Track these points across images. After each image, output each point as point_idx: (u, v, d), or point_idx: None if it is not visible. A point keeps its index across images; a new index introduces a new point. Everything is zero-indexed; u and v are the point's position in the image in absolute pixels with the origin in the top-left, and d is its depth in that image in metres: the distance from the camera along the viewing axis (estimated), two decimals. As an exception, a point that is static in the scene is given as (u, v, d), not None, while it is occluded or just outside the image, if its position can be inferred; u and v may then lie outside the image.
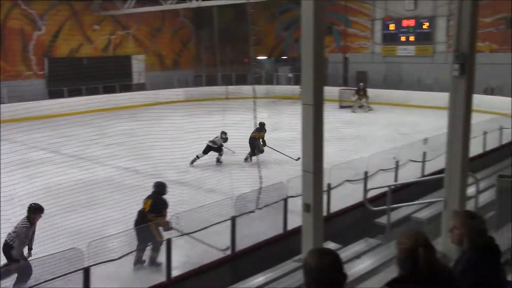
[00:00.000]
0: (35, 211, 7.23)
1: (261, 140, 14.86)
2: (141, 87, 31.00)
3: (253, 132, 14.67)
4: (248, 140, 14.63)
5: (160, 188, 8.61)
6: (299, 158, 10.80)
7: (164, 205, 8.30)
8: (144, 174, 12.52)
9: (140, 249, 7.86)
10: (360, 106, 26.07)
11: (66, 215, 7.77)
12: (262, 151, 14.66)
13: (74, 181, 10.49)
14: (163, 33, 32.99)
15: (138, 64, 31.85)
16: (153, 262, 8.19)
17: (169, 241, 7.25)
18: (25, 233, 7.08)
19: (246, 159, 14.65)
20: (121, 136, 15.39)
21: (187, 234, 7.82)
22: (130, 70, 31.52)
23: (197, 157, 14.24)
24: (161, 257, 7.83)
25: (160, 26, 32.70)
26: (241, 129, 15.23)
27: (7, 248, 7.07)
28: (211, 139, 14.60)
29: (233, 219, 8.08)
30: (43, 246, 7.41)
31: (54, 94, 26.23)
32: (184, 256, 8.23)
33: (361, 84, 26.89)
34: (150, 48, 32.46)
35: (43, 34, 27.46)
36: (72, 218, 8.19)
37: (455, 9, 5.21)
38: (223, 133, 14.56)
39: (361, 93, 26.23)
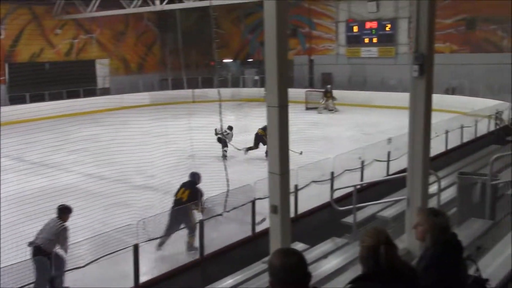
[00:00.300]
0: (64, 211, 7.61)
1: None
2: (105, 91, 30.57)
3: (259, 128, 15.72)
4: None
5: (195, 178, 9.48)
6: (301, 152, 12.36)
7: (200, 194, 9.02)
8: (110, 180, 12.35)
9: (168, 234, 8.62)
10: (326, 108, 26.39)
11: (29, 223, 7.59)
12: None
13: (38, 188, 10.23)
14: (127, 37, 32.66)
15: (102, 68, 31.41)
16: (191, 247, 8.74)
17: (136, 247, 7.19)
18: (67, 233, 7.40)
19: (246, 151, 15.85)
20: (86, 141, 15.15)
21: (220, 214, 8.52)
22: (94, 74, 31.04)
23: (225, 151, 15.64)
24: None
25: (124, 29, 32.35)
26: (208, 132, 15.26)
27: (39, 251, 7.12)
28: (217, 128, 15.25)
29: (201, 222, 8.07)
30: (6, 255, 7.23)
31: (15, 100, 25.59)
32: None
33: (328, 86, 27.25)
34: (114, 52, 32.06)
35: (2, 38, 26.77)
36: (36, 226, 8.00)
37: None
38: (230, 127, 15.49)
39: (328, 94, 26.57)
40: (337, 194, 9.14)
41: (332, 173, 10.78)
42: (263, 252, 6.47)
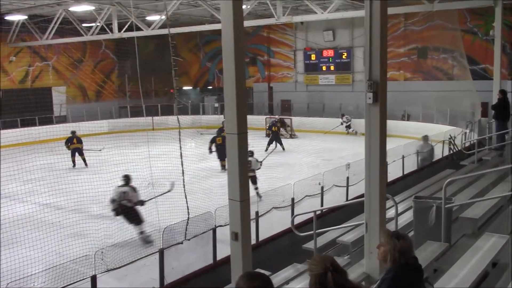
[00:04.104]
0: None
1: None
2: (62, 119, 30.00)
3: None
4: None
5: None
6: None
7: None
8: (66, 210, 12.05)
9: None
10: (289, 135, 26.89)
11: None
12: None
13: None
14: (84, 65, 32.32)
15: (58, 96, 30.88)
16: None
17: (94, 278, 7.00)
18: None
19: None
20: (41, 171, 14.75)
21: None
22: (50, 102, 30.45)
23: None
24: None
25: (81, 57, 32.03)
26: (168, 160, 15.11)
27: None
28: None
29: (161, 252, 7.94)
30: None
31: (-33, 128, 24.80)
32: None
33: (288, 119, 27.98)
34: (71, 80, 31.64)
35: (-46, 66, 26.09)
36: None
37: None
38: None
39: (287, 124, 27.22)
40: (298, 219, 9.18)
41: (293, 199, 10.84)
42: (225, 280, 6.41)
